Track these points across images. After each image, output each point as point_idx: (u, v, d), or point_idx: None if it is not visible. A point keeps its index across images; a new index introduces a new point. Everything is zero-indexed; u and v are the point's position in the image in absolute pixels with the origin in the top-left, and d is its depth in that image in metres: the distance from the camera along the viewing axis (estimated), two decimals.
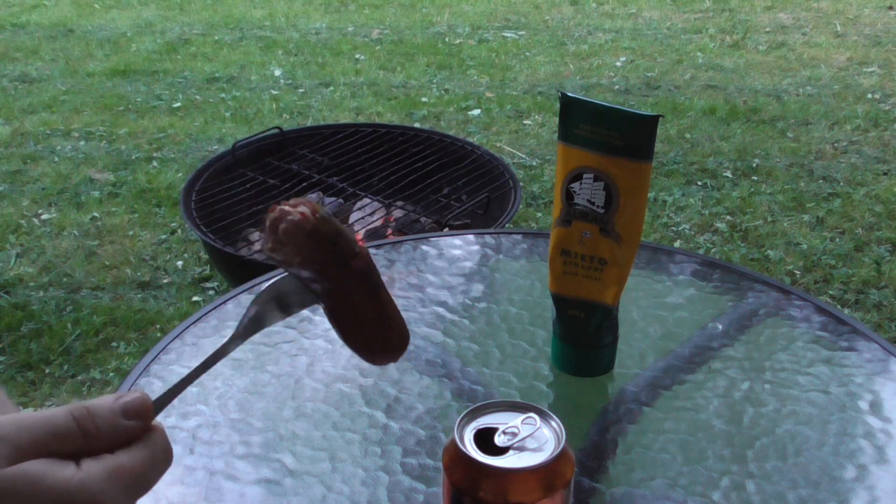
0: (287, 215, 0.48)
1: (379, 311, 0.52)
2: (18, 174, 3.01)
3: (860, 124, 3.38)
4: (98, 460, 0.43)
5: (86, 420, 0.44)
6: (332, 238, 0.49)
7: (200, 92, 3.76)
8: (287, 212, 0.48)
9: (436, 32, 4.55)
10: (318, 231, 0.48)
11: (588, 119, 0.78)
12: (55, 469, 0.42)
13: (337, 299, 0.51)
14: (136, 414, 0.45)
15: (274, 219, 0.48)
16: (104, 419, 0.44)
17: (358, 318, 0.52)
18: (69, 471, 0.42)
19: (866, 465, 0.76)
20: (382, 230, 2.12)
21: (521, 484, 0.58)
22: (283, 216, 0.48)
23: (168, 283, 2.39)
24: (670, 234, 2.64)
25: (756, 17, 4.75)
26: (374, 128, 2.50)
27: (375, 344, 0.53)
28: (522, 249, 1.09)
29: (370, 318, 0.52)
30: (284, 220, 0.48)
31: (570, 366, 0.87)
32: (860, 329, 0.94)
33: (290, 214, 0.48)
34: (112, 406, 0.45)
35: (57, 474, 0.42)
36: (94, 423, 0.44)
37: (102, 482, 0.43)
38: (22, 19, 4.73)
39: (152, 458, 0.45)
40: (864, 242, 2.59)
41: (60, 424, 0.44)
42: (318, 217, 0.48)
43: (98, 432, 0.44)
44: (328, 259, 0.49)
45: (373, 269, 0.52)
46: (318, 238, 0.48)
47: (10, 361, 2.09)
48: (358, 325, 0.52)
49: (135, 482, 0.44)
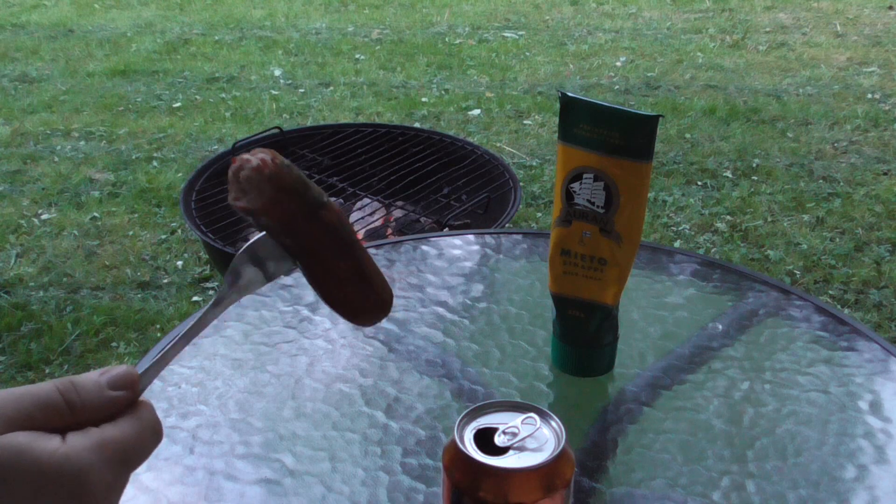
0: (247, 163, 0.47)
1: (356, 268, 0.51)
2: (18, 174, 3.01)
3: (860, 124, 3.38)
4: (84, 434, 0.43)
5: (70, 392, 0.44)
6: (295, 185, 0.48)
7: (200, 92, 3.76)
8: (247, 159, 0.48)
9: (436, 32, 4.55)
10: (278, 176, 0.47)
11: (588, 119, 0.78)
12: (40, 441, 0.42)
13: (309, 255, 0.50)
14: (122, 385, 0.45)
15: (235, 168, 0.48)
16: (89, 391, 0.44)
17: (334, 275, 0.51)
18: (54, 443, 0.42)
19: (866, 465, 0.76)
20: (382, 230, 2.12)
21: (521, 484, 0.58)
22: (243, 164, 0.48)
23: (168, 283, 2.39)
24: (670, 234, 2.64)
25: (756, 17, 4.75)
26: (374, 128, 2.50)
27: (356, 302, 0.52)
28: (522, 249, 1.09)
29: (347, 276, 0.51)
30: (244, 167, 0.47)
31: (570, 366, 0.87)
32: (860, 329, 0.94)
33: (250, 161, 0.47)
34: (97, 379, 0.45)
35: (41, 446, 0.42)
36: (79, 395, 0.44)
37: (88, 455, 0.42)
38: (22, 19, 4.73)
39: (139, 432, 0.45)
40: (864, 242, 2.59)
41: (45, 397, 0.43)
42: (278, 162, 0.47)
43: (83, 404, 0.44)
44: (294, 209, 0.48)
45: (344, 223, 0.50)
46: (280, 184, 0.47)
47: (10, 361, 2.09)
48: (335, 284, 0.51)
49: (121, 456, 0.44)
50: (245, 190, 0.47)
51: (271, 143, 2.35)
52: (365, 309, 0.53)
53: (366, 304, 0.52)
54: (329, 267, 0.51)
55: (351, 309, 0.53)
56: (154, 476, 0.74)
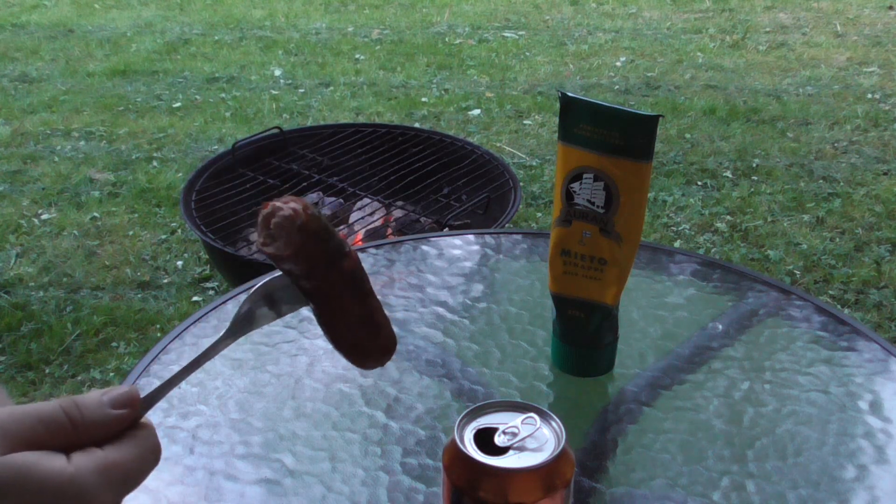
0: (279, 210, 0.49)
1: (366, 315, 0.53)
2: (18, 174, 3.01)
3: (860, 124, 3.38)
4: (88, 455, 0.44)
5: (73, 411, 0.44)
6: (321, 235, 0.49)
7: (200, 92, 3.76)
8: (279, 207, 0.49)
9: (436, 32, 4.55)
10: (307, 226, 0.49)
11: (588, 119, 0.78)
12: (45, 460, 0.42)
13: (325, 299, 0.52)
14: (123, 404, 0.46)
15: (266, 214, 0.49)
16: (91, 410, 0.45)
17: (345, 320, 0.53)
18: (59, 463, 0.43)
19: (866, 465, 0.76)
20: (382, 230, 2.12)
21: (521, 484, 0.58)
22: (275, 211, 0.49)
23: (168, 283, 2.39)
24: (670, 234, 2.64)
25: (756, 17, 4.75)
26: (374, 128, 2.50)
27: (362, 347, 0.54)
28: (522, 249, 1.09)
29: (357, 321, 0.53)
30: (276, 214, 0.49)
31: (570, 366, 0.87)
32: (860, 329, 0.94)
33: (282, 210, 0.49)
34: (99, 398, 0.45)
35: (46, 466, 0.42)
36: (82, 413, 0.44)
37: (92, 478, 0.43)
38: (22, 19, 4.73)
39: (141, 455, 0.46)
40: (864, 242, 2.59)
41: (49, 415, 0.44)
42: (310, 213, 0.49)
43: (85, 423, 0.44)
44: (317, 256, 0.50)
45: (361, 271, 0.52)
46: (308, 233, 0.49)
47: (10, 361, 2.09)
48: (345, 328, 0.53)
49: (123, 478, 0.45)
50: (274, 237, 0.49)
51: (271, 143, 2.35)
52: (370, 354, 0.55)
53: (372, 350, 0.55)
54: (341, 311, 0.52)
55: (356, 353, 0.55)
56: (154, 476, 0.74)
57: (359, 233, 2.08)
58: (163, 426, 0.79)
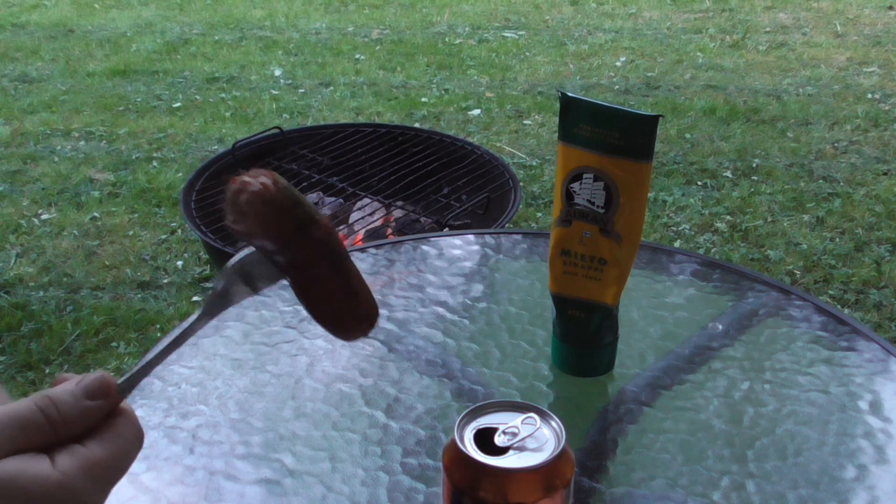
0: (248, 186, 0.48)
1: (343, 283, 0.51)
2: (18, 174, 3.01)
3: (860, 124, 3.38)
4: (71, 455, 0.43)
5: (49, 408, 0.44)
6: (289, 205, 0.48)
7: (200, 92, 3.76)
8: (247, 182, 0.48)
9: (436, 32, 4.55)
10: (276, 199, 0.48)
11: (588, 119, 0.78)
12: (29, 467, 0.42)
13: (299, 271, 0.51)
14: (97, 393, 0.45)
15: (235, 190, 0.48)
16: (67, 404, 0.45)
17: (322, 290, 0.51)
18: (44, 468, 0.42)
19: (866, 465, 0.76)
20: (382, 230, 2.12)
21: (521, 484, 0.58)
22: (243, 187, 0.48)
23: (168, 283, 2.39)
24: (670, 234, 2.64)
25: (756, 17, 4.75)
26: (374, 128, 2.50)
27: (342, 317, 0.52)
28: (522, 249, 1.09)
29: (334, 290, 0.51)
30: (245, 191, 0.48)
31: (570, 366, 0.87)
32: (860, 329, 0.94)
33: (251, 185, 0.48)
34: (73, 391, 0.45)
35: (31, 473, 0.42)
36: (58, 409, 0.44)
37: (78, 479, 0.43)
38: (22, 19, 4.73)
39: (123, 447, 0.46)
40: (864, 242, 2.59)
41: (26, 417, 0.44)
42: (279, 187, 0.48)
43: (62, 419, 0.44)
44: (287, 227, 0.49)
45: (334, 239, 0.51)
46: (277, 206, 0.48)
47: (10, 361, 2.09)
48: (323, 298, 0.51)
49: (109, 474, 0.45)
50: (244, 213, 0.48)
51: (271, 142, 2.35)
52: (351, 324, 0.53)
53: (352, 319, 0.53)
54: (316, 281, 0.51)
55: (338, 323, 0.53)
56: (154, 476, 0.74)
57: (359, 233, 2.08)
58: (163, 426, 0.79)
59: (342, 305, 0.52)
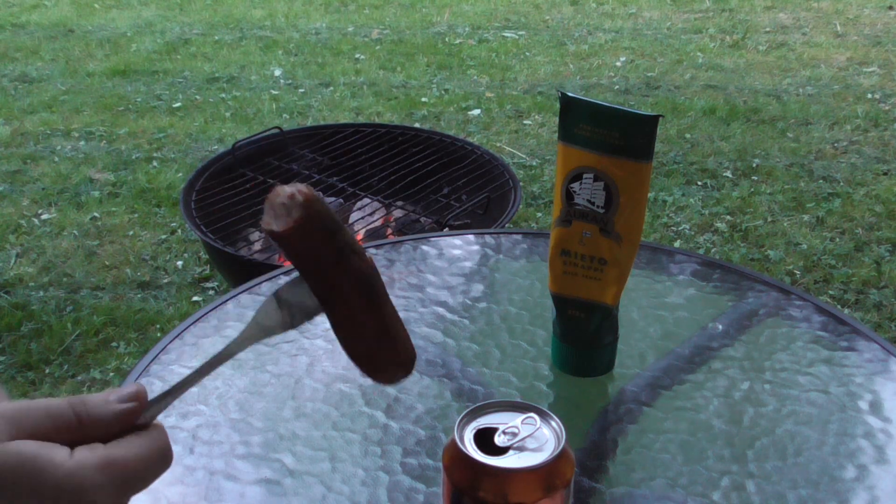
0: (283, 191, 0.48)
1: (380, 323, 0.51)
2: (18, 174, 3.01)
3: (860, 124, 3.38)
4: (90, 450, 0.44)
5: (80, 407, 0.45)
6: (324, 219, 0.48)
7: (200, 92, 3.76)
8: (283, 188, 0.48)
9: (436, 32, 4.55)
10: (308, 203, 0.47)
11: (588, 119, 0.78)
12: (46, 451, 0.42)
13: (336, 304, 0.50)
14: (129, 398, 0.46)
15: (271, 196, 0.49)
16: (97, 406, 0.45)
17: (358, 328, 0.51)
18: (61, 455, 0.43)
19: (866, 465, 0.76)
20: (382, 230, 2.12)
21: (521, 484, 0.58)
22: (279, 192, 0.48)
23: (168, 283, 2.39)
24: (670, 234, 2.64)
25: (756, 17, 4.75)
26: (374, 128, 2.50)
27: (376, 359, 0.52)
28: (522, 249, 1.09)
29: (371, 330, 0.51)
30: (280, 194, 0.48)
31: (570, 366, 0.87)
32: (860, 329, 0.94)
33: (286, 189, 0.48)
34: (106, 396, 0.46)
35: (47, 457, 0.42)
36: (88, 410, 0.45)
37: (91, 473, 0.43)
38: (22, 19, 4.73)
39: (147, 454, 0.45)
40: (864, 242, 2.59)
41: (57, 410, 0.44)
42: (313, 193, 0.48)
43: (91, 419, 0.45)
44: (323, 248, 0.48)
45: (376, 275, 0.50)
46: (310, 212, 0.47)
47: (10, 361, 2.09)
48: (358, 337, 0.51)
49: (127, 477, 0.44)
50: (277, 215, 0.48)
51: (271, 142, 2.35)
52: (385, 367, 0.53)
53: (386, 361, 0.53)
54: (354, 318, 0.51)
55: (371, 365, 0.53)
56: None
57: (359, 233, 2.08)
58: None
59: (377, 347, 0.52)
